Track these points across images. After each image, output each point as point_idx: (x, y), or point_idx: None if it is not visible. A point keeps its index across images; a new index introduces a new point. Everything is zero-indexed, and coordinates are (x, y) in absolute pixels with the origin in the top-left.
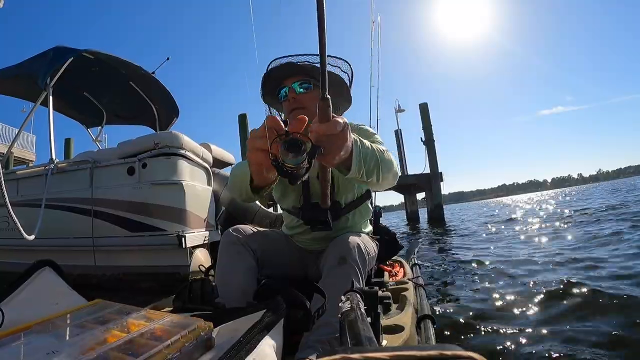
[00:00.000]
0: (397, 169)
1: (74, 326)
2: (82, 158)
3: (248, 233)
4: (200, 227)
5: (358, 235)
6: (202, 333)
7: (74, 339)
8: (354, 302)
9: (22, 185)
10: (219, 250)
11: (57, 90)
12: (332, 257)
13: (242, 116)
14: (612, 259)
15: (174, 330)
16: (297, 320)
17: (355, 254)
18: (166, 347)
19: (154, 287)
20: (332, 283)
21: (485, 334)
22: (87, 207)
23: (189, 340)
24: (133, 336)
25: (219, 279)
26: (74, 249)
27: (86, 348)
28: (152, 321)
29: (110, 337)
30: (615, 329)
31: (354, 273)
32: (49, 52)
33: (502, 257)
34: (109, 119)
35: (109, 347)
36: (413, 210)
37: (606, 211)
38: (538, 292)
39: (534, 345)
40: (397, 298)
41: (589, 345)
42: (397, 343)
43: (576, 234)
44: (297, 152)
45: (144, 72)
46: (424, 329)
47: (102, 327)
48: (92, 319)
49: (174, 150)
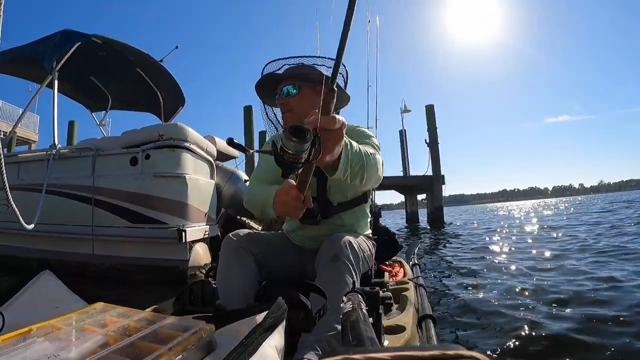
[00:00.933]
0: (380, 173)
1: (75, 330)
2: (85, 145)
3: (247, 236)
4: (201, 221)
5: (352, 235)
6: (204, 335)
7: (75, 343)
8: (355, 303)
9: (23, 169)
10: (220, 255)
11: (63, 73)
12: (324, 255)
13: (247, 108)
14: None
15: (175, 333)
16: (299, 321)
17: (348, 251)
18: (168, 350)
19: (151, 280)
20: (325, 281)
21: (487, 333)
22: (88, 195)
23: (191, 343)
24: (134, 339)
25: (220, 284)
26: (73, 236)
27: (87, 352)
28: (154, 324)
29: (111, 341)
30: (620, 328)
31: (347, 270)
32: (57, 35)
33: (503, 257)
34: (114, 104)
35: (110, 351)
36: (413, 210)
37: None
38: (540, 292)
39: (537, 345)
40: (398, 298)
41: (591, 345)
42: (399, 343)
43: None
44: (301, 139)
45: (152, 60)
46: (425, 329)
47: (103, 331)
48: (93, 322)
49: (179, 142)
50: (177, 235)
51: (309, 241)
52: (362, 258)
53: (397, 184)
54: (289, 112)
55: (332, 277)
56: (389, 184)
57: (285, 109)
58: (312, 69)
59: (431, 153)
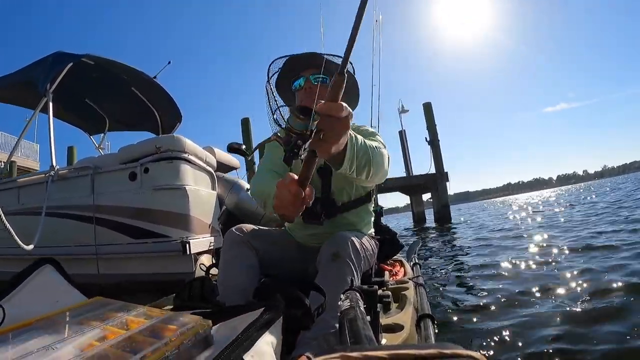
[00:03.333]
0: (387, 167)
1: (74, 323)
2: (83, 164)
3: (251, 232)
4: (205, 232)
5: (355, 233)
6: (201, 331)
7: (74, 336)
8: (353, 301)
9: (23, 194)
10: (222, 248)
11: (57, 97)
12: (326, 254)
13: (245, 120)
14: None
15: (172, 328)
16: (297, 319)
17: (349, 250)
18: (165, 344)
19: (157, 295)
20: (326, 279)
21: (485, 333)
22: (88, 214)
23: (187, 338)
24: (132, 333)
25: (221, 277)
26: (77, 257)
27: (86, 345)
28: (152, 319)
29: (109, 334)
30: (623, 330)
31: (348, 269)
32: (49, 57)
33: (503, 257)
34: (112, 126)
35: (108, 344)
36: (420, 211)
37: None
38: (541, 292)
39: (535, 345)
40: (397, 297)
41: (592, 344)
42: (397, 342)
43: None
44: (307, 116)
45: (146, 77)
46: (423, 328)
47: (101, 324)
48: (92, 316)
49: (177, 154)
50: (181, 248)
51: (311, 239)
52: (364, 257)
53: (401, 185)
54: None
55: (333, 275)
56: (392, 186)
57: (311, 96)
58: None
59: (432, 151)
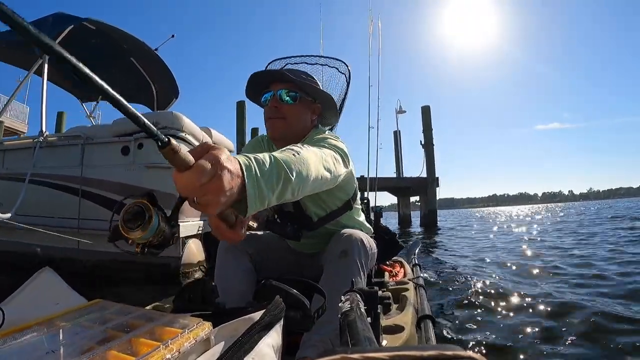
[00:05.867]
0: (328, 169)
1: (74, 326)
2: (74, 133)
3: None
4: (195, 216)
5: (361, 232)
6: (201, 333)
7: (74, 339)
8: (353, 302)
9: (8, 157)
10: (217, 255)
11: (53, 59)
12: (333, 252)
13: (240, 103)
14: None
15: (173, 330)
16: (297, 321)
17: (358, 248)
18: (165, 347)
19: (142, 279)
20: (334, 277)
21: (485, 334)
22: (75, 185)
23: (188, 340)
24: (132, 336)
25: (218, 283)
26: (57, 229)
27: (86, 348)
28: (152, 321)
29: (109, 337)
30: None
31: (355, 267)
32: (49, 17)
33: (503, 258)
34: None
35: (108, 347)
36: (406, 213)
37: None
38: (540, 292)
39: (535, 345)
40: (398, 298)
41: (591, 345)
42: (397, 343)
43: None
44: (143, 223)
45: (147, 48)
46: (424, 329)
47: (101, 327)
48: (92, 319)
49: (174, 132)
50: None
51: (303, 247)
52: (371, 256)
53: (391, 186)
54: (282, 120)
55: (340, 274)
56: (383, 186)
57: (275, 114)
58: (315, 84)
59: (426, 155)
